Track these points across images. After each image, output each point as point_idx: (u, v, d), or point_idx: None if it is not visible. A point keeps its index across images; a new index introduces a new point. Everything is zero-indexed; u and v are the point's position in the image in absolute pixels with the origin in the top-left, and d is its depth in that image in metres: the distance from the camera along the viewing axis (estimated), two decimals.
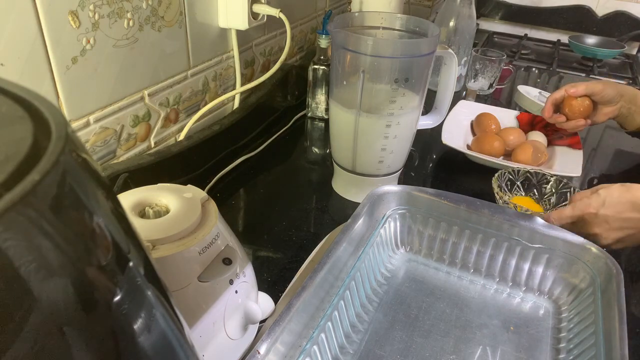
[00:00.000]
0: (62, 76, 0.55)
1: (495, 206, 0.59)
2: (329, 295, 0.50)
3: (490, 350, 0.52)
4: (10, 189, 0.13)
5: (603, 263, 0.54)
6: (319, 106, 0.99)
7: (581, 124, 0.85)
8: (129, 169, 0.62)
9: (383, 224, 0.62)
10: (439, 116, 0.77)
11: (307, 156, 0.91)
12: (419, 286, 0.59)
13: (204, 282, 0.41)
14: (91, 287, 0.17)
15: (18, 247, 0.14)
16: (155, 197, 0.43)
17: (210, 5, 0.77)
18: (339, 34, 0.64)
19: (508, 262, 0.59)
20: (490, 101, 1.16)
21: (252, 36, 0.91)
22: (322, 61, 0.94)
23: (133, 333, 0.19)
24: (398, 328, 0.53)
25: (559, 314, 0.56)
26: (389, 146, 0.68)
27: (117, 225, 0.19)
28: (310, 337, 0.46)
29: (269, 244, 0.66)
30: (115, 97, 0.63)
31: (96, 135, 0.62)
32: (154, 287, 0.21)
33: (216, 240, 0.43)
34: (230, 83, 0.88)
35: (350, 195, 0.75)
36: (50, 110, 0.17)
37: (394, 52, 0.63)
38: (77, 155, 0.17)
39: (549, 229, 0.57)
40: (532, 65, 1.39)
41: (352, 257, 0.55)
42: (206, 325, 0.42)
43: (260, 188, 0.78)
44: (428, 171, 0.87)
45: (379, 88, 0.65)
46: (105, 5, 0.58)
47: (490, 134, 0.88)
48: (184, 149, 0.73)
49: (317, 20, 1.19)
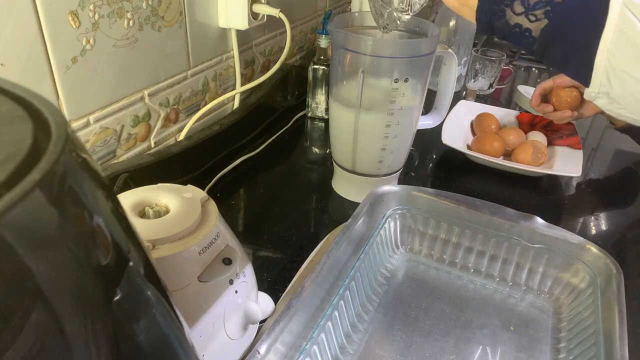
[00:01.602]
0: (62, 76, 0.55)
1: (496, 206, 0.60)
2: (329, 295, 0.50)
3: (490, 350, 0.52)
4: (11, 188, 0.13)
5: (603, 263, 0.54)
6: (319, 106, 0.99)
7: (567, 115, 0.84)
8: (129, 169, 0.62)
9: (383, 224, 0.62)
10: (439, 116, 0.77)
11: (307, 156, 0.91)
12: (419, 286, 0.59)
13: (204, 282, 0.41)
14: (91, 287, 0.17)
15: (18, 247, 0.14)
16: (155, 197, 0.43)
17: (210, 5, 0.77)
18: (339, 34, 0.64)
19: (508, 262, 0.59)
20: (490, 101, 1.16)
21: (252, 36, 0.91)
22: (322, 61, 0.94)
23: (133, 333, 0.19)
24: (398, 328, 0.53)
25: (559, 314, 0.56)
26: (389, 146, 0.68)
27: (117, 225, 0.19)
28: (310, 337, 0.46)
29: (269, 244, 0.66)
30: (115, 97, 0.63)
31: (96, 135, 0.62)
32: (154, 287, 0.21)
33: (216, 240, 0.43)
34: (230, 83, 0.88)
35: (350, 195, 0.75)
36: (50, 110, 0.17)
37: (394, 52, 0.63)
38: (77, 155, 0.17)
39: (549, 229, 0.57)
40: (532, 65, 1.39)
41: (352, 257, 0.55)
42: (206, 325, 0.42)
43: (260, 188, 0.78)
44: (428, 171, 0.87)
45: (378, 88, 0.65)
46: (105, 5, 0.58)
47: (490, 134, 0.88)
48: (184, 149, 0.73)
49: (317, 20, 1.19)
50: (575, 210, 0.78)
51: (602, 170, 0.90)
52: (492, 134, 0.89)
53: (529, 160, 0.82)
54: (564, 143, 0.89)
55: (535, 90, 0.87)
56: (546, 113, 0.86)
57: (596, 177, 0.88)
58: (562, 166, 0.82)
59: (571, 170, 0.80)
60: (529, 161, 0.82)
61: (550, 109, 0.85)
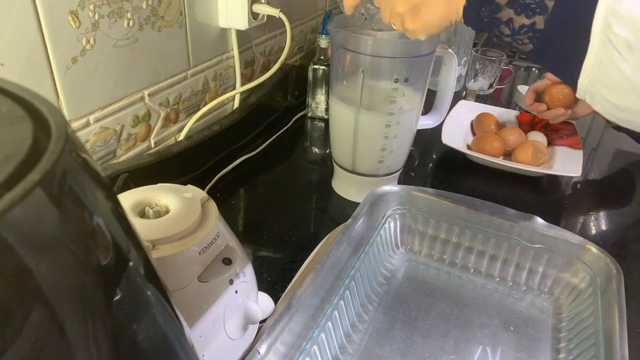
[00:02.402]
0: (62, 76, 0.55)
1: (496, 206, 0.60)
2: (329, 295, 0.50)
3: (490, 350, 0.52)
4: (11, 188, 0.13)
5: (603, 263, 0.54)
6: (319, 106, 0.99)
7: (561, 113, 0.83)
8: (129, 169, 0.62)
9: (383, 224, 0.62)
10: (439, 116, 0.77)
11: (307, 156, 0.91)
12: (419, 286, 0.59)
13: (204, 282, 0.41)
14: (91, 287, 0.17)
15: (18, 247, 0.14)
16: (155, 197, 0.43)
17: (210, 5, 0.77)
18: (339, 34, 0.64)
19: (508, 262, 0.59)
20: (490, 101, 1.16)
21: (252, 36, 0.91)
22: (322, 61, 0.94)
23: (133, 333, 0.19)
24: (398, 328, 0.53)
25: (559, 314, 0.56)
26: (389, 146, 0.68)
27: (117, 225, 0.19)
28: (310, 337, 0.46)
29: (269, 244, 0.66)
30: (115, 97, 0.63)
31: (96, 135, 0.62)
32: (154, 287, 0.21)
33: (216, 240, 0.43)
34: (230, 83, 0.88)
35: (350, 195, 0.75)
36: (50, 110, 0.17)
37: (394, 52, 0.63)
38: (77, 155, 0.17)
39: (549, 229, 0.57)
40: (532, 65, 1.39)
41: (352, 257, 0.55)
42: (206, 325, 0.42)
43: (260, 188, 0.78)
44: (428, 171, 0.87)
45: (378, 88, 0.65)
46: (105, 5, 0.58)
47: (490, 134, 0.88)
48: (184, 149, 0.73)
49: (317, 20, 1.19)
50: (575, 210, 0.78)
51: (602, 170, 0.90)
52: (492, 134, 0.89)
53: (529, 160, 0.82)
54: (564, 143, 0.89)
55: (528, 89, 0.86)
56: (540, 112, 0.85)
57: (596, 177, 0.88)
58: (562, 166, 0.82)
59: (571, 170, 0.80)
60: (529, 161, 0.82)
61: (543, 107, 0.84)
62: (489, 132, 0.90)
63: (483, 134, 0.90)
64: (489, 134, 0.89)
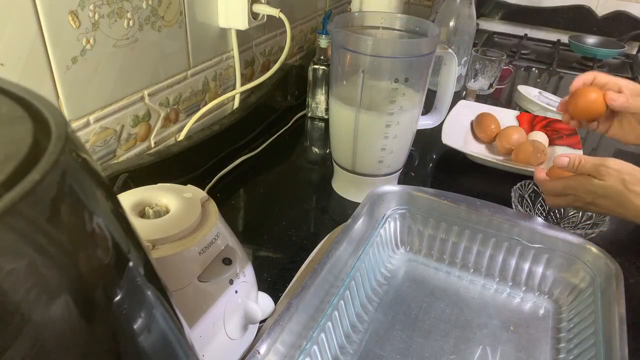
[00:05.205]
0: (62, 76, 0.55)
1: (496, 206, 0.59)
2: (329, 295, 0.50)
3: (490, 350, 0.52)
4: (10, 188, 0.13)
5: (603, 263, 0.54)
6: (319, 106, 0.99)
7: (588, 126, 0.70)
8: (129, 169, 0.62)
9: (383, 224, 0.62)
10: (439, 116, 0.77)
11: (307, 156, 0.91)
12: (419, 286, 0.59)
13: (203, 282, 0.41)
14: (91, 287, 0.17)
15: (18, 247, 0.14)
16: (155, 197, 0.43)
17: (210, 5, 0.77)
18: (339, 34, 0.64)
19: (508, 262, 0.59)
20: (490, 101, 1.16)
21: (252, 36, 0.91)
22: (322, 61, 0.94)
23: (133, 333, 0.19)
24: (398, 328, 0.53)
25: (559, 314, 0.56)
26: (389, 146, 0.68)
27: (117, 225, 0.19)
28: (310, 337, 0.46)
29: (269, 244, 0.66)
30: (115, 97, 0.63)
31: (96, 135, 0.62)
32: (153, 287, 0.21)
33: (216, 240, 0.43)
34: (230, 83, 0.88)
35: (350, 195, 0.75)
36: (50, 110, 0.17)
37: (394, 52, 0.63)
38: (77, 155, 0.17)
39: (549, 229, 0.57)
40: (532, 65, 1.39)
41: (352, 257, 0.55)
42: (206, 325, 0.42)
43: (260, 188, 0.78)
44: (428, 171, 0.87)
45: (378, 88, 0.65)
46: (105, 5, 0.58)
47: (587, 89, 0.67)
48: (184, 149, 0.73)
49: (317, 20, 1.19)
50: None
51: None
52: (588, 89, 0.68)
53: (529, 160, 0.82)
54: (564, 143, 0.89)
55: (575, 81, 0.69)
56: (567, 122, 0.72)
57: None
58: None
59: None
60: (529, 161, 0.82)
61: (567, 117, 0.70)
62: (581, 91, 0.68)
63: (577, 92, 0.68)
64: (586, 90, 0.68)
